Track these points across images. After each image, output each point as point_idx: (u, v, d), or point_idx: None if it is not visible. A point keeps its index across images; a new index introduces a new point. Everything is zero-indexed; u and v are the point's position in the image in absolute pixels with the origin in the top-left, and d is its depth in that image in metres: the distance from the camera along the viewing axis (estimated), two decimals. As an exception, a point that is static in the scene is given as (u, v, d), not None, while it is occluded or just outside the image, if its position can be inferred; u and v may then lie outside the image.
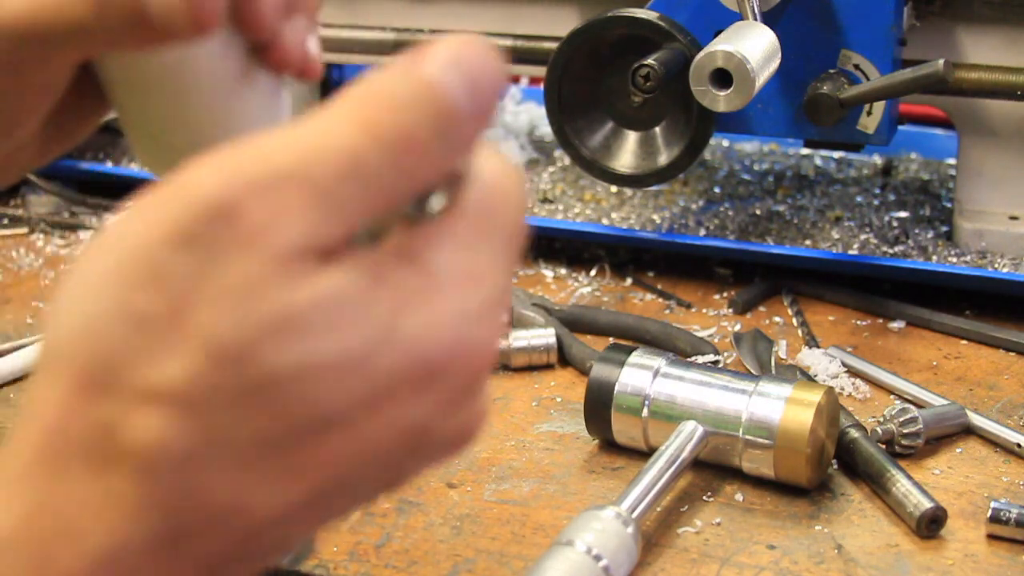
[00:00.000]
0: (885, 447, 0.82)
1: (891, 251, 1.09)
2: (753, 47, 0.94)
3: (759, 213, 1.18)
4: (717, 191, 1.24)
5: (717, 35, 0.97)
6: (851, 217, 1.17)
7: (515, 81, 1.49)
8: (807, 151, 1.35)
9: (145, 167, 0.49)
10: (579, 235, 1.14)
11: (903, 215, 1.18)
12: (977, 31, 1.05)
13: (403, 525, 0.76)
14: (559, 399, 0.92)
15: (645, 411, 0.81)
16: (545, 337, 0.96)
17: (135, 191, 0.38)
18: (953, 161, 1.21)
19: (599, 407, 0.83)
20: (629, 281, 1.11)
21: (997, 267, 1.05)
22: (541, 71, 1.07)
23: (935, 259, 1.07)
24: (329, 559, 0.73)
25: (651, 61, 0.97)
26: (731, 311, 1.05)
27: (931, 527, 0.75)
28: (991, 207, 1.09)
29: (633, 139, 1.07)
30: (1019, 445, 0.84)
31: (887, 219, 1.16)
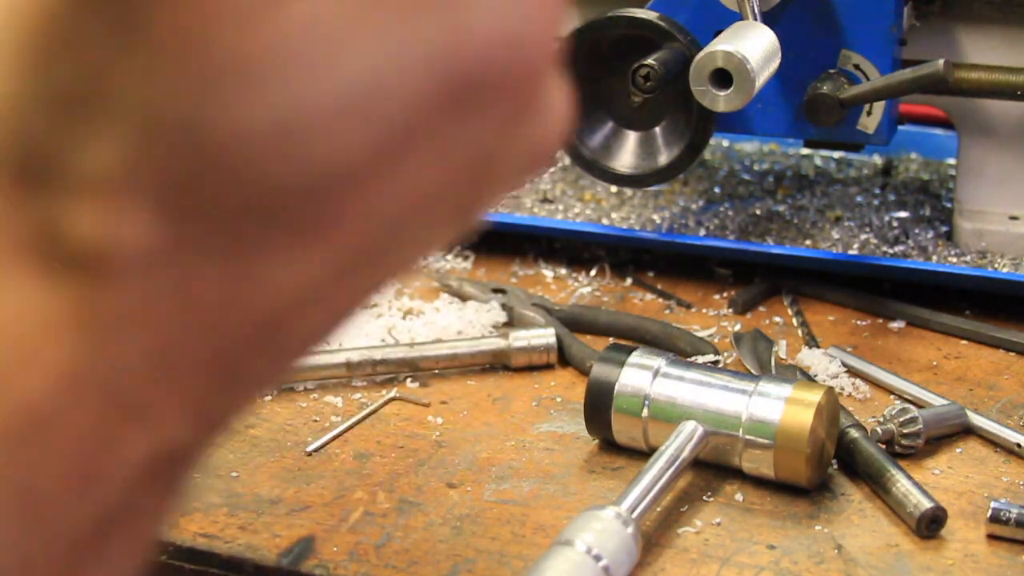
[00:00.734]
0: (885, 447, 0.82)
1: (891, 251, 1.09)
2: (753, 47, 0.94)
3: (759, 213, 1.18)
4: (717, 191, 1.24)
5: (717, 35, 0.97)
6: (851, 217, 1.17)
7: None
8: (807, 151, 1.34)
9: None
10: (579, 235, 1.14)
11: (903, 215, 1.17)
12: (977, 31, 1.05)
13: (403, 525, 0.76)
14: (559, 399, 0.92)
15: (645, 411, 0.81)
16: (545, 337, 0.96)
17: None
18: (953, 161, 1.20)
19: (599, 407, 0.83)
20: (629, 281, 1.11)
21: (997, 267, 1.05)
22: (541, 71, 1.07)
23: (935, 259, 1.07)
24: (329, 559, 0.73)
25: (651, 61, 0.97)
26: (731, 311, 1.05)
27: (931, 527, 0.75)
28: (991, 207, 1.08)
29: (633, 139, 1.07)
30: (1019, 445, 0.84)
31: (887, 219, 1.16)
